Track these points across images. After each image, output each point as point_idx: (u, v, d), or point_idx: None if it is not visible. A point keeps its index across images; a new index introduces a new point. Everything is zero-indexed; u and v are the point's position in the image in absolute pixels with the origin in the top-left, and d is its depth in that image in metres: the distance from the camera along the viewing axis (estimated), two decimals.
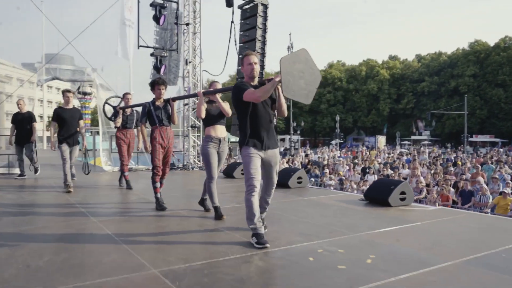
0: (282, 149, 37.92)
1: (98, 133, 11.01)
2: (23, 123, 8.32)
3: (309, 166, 18.20)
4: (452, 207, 9.77)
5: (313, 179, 15.38)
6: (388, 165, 16.81)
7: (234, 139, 21.87)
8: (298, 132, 52.94)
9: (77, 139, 6.93)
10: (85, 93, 19.81)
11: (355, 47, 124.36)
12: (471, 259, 3.08)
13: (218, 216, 4.41)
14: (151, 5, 10.25)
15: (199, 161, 11.13)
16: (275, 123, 3.93)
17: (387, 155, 24.74)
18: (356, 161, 19.26)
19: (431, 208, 5.61)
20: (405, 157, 22.01)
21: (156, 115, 5.01)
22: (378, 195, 5.40)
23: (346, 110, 59.33)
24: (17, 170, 8.55)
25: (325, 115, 59.04)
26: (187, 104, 11.21)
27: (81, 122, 6.94)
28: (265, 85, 3.38)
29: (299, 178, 7.19)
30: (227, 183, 7.70)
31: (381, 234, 3.86)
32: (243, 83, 3.55)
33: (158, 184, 5.04)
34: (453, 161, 19.31)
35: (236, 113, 3.64)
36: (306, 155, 24.35)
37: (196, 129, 11.28)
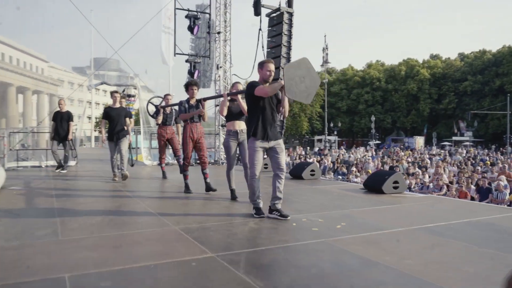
0: (316, 149, 38.45)
1: (140, 132, 12.35)
2: (62, 121, 9.10)
3: (337, 165, 18.90)
4: None
5: (340, 177, 16.11)
6: (416, 164, 17.19)
7: None
8: (335, 132, 53.17)
9: (124, 134, 7.58)
10: (129, 95, 21.46)
11: (395, 47, 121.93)
12: (421, 227, 3.87)
13: (233, 197, 5.40)
14: (186, 16, 11.46)
15: None
16: (278, 120, 4.83)
17: (420, 155, 24.88)
18: (384, 160, 19.71)
19: (420, 195, 6.32)
20: (437, 157, 22.15)
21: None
22: (374, 184, 6.19)
23: (384, 111, 58.77)
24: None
25: (363, 115, 58.78)
26: (218, 105, 12.32)
27: (127, 120, 7.71)
28: (273, 84, 4.18)
29: (312, 170, 8.04)
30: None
31: (360, 211, 4.69)
32: (255, 81, 4.30)
33: (187, 173, 6.04)
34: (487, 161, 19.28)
35: (247, 108, 4.39)
36: (338, 155, 24.94)
37: (225, 128, 12.38)
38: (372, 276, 2.54)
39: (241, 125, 5.54)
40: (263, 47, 12.44)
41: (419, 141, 45.01)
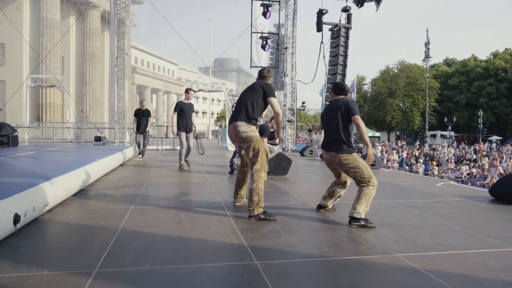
0: (427, 147, 37.56)
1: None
2: (142, 117, 10.92)
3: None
4: None
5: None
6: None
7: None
8: (449, 127, 50.53)
9: (192, 128, 8.35)
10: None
11: None
12: (397, 202, 5.87)
13: None
14: (260, 37, 14.17)
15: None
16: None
17: None
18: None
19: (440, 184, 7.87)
20: None
21: None
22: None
23: (511, 104, 53.45)
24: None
25: (484, 109, 54.33)
26: (285, 105, 14.83)
27: (193, 115, 8.34)
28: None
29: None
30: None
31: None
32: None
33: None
34: None
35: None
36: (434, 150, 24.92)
37: (292, 122, 14.82)
38: None
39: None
40: (324, 56, 14.52)
41: None
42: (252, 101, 4.18)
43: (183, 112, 8.16)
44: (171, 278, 2.47)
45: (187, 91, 8.42)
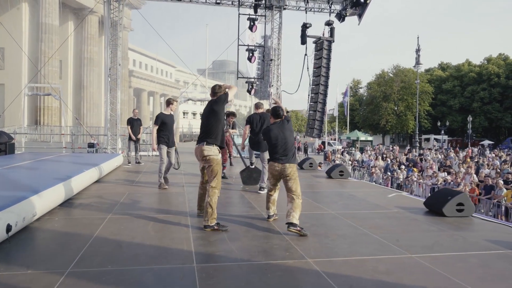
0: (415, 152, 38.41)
1: None
2: (134, 125, 11.46)
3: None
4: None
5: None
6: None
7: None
8: (442, 132, 51.38)
9: (173, 141, 7.89)
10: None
11: None
12: (340, 212, 6.65)
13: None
14: (246, 50, 14.93)
15: None
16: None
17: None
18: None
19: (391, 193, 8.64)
20: None
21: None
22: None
23: (503, 109, 54.28)
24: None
25: (477, 114, 55.19)
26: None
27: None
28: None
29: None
30: None
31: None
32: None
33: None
34: None
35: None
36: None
37: None
38: None
39: None
40: (308, 68, 15.31)
41: None
42: (210, 123, 4.96)
43: (165, 125, 7.65)
44: (124, 276, 3.24)
45: (169, 102, 7.80)
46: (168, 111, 7.75)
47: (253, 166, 8.16)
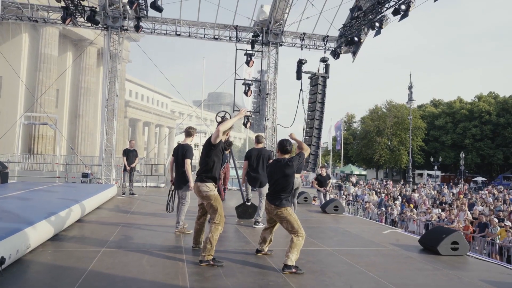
0: (408, 187, 38.58)
1: None
2: (131, 156, 11.53)
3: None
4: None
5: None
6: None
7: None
8: (435, 167, 51.72)
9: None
10: None
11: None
12: (336, 249, 6.61)
13: None
14: (243, 84, 15.21)
15: None
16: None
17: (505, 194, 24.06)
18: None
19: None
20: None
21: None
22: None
23: (495, 146, 54.98)
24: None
25: (469, 150, 55.80)
26: (265, 146, 15.73)
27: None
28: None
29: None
30: None
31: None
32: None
33: None
34: None
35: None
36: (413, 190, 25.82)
37: None
38: None
39: None
40: (303, 103, 15.57)
41: None
42: (204, 159, 5.03)
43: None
44: None
45: (190, 133, 6.49)
46: (188, 141, 6.50)
47: (249, 203, 8.14)
